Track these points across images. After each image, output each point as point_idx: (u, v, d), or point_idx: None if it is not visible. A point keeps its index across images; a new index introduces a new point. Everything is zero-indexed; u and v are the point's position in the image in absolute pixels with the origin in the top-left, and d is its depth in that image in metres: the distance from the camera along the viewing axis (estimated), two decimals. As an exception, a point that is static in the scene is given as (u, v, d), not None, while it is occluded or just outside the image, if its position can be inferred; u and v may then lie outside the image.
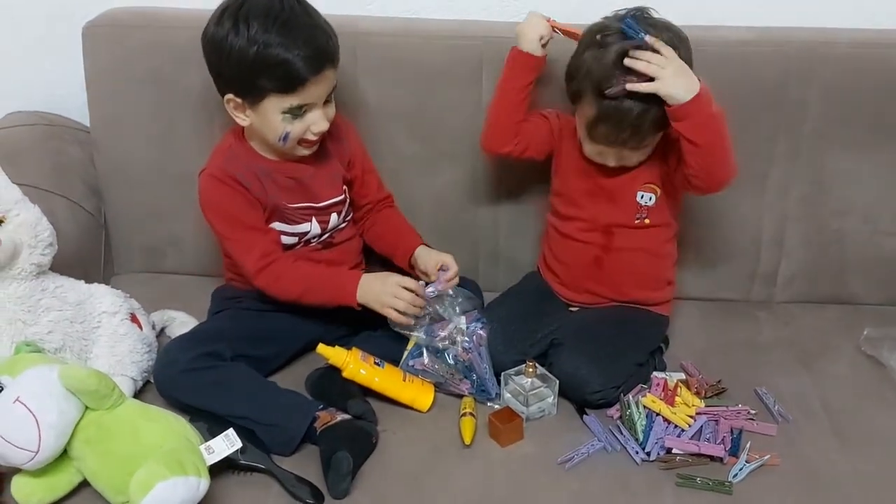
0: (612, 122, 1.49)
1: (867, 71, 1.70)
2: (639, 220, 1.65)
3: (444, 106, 1.77)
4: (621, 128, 1.49)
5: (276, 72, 1.49)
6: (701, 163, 1.50)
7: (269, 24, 1.47)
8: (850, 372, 1.69)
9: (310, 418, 1.49)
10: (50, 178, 1.79)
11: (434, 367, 1.58)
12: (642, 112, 1.47)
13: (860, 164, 1.76)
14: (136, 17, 1.82)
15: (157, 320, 1.73)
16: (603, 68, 1.47)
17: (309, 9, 1.54)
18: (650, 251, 1.68)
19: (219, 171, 1.60)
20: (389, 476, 1.44)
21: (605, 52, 1.47)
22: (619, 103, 1.46)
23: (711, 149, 1.48)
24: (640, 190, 1.63)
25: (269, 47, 1.47)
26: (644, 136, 1.52)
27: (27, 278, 1.50)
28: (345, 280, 1.61)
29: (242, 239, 1.62)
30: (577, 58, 1.53)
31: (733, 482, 1.42)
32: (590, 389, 1.54)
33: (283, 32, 1.47)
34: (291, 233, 1.67)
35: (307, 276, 1.62)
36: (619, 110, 1.47)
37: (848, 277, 1.86)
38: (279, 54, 1.47)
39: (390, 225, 1.78)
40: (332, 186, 1.69)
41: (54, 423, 1.31)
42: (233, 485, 1.41)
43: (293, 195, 1.65)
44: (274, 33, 1.47)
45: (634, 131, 1.50)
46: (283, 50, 1.47)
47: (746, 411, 1.54)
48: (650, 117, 1.48)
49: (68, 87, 1.93)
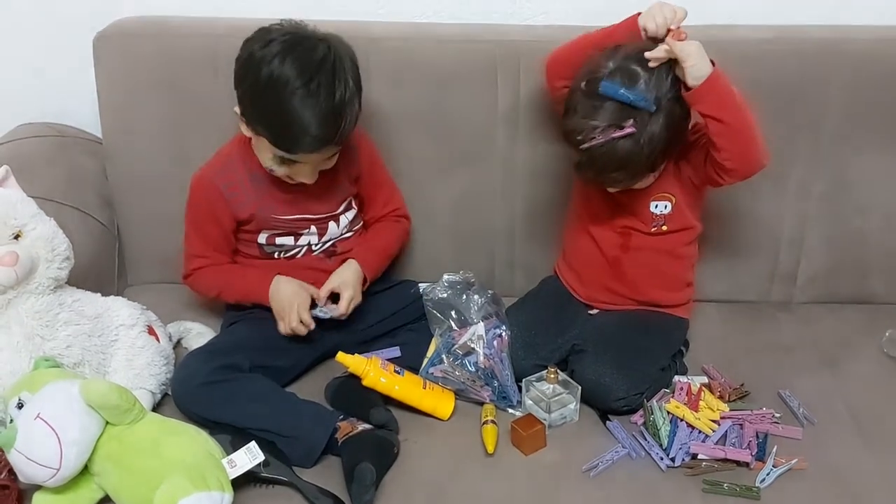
0: (592, 170, 1.50)
1: (886, 68, 1.69)
2: (655, 228, 1.64)
3: (459, 110, 1.76)
4: (601, 177, 1.51)
5: (276, 129, 1.49)
6: (733, 142, 1.46)
7: (298, 83, 1.45)
8: (874, 373, 1.68)
9: (331, 429, 1.47)
10: (62, 190, 1.78)
11: (455, 373, 1.57)
12: (619, 166, 1.46)
13: (880, 163, 1.75)
14: (146, 27, 1.81)
15: (174, 332, 1.72)
16: (580, 118, 1.46)
17: (342, 80, 1.50)
18: (670, 252, 1.67)
19: (206, 178, 1.66)
20: (413, 486, 1.43)
21: (585, 99, 1.46)
22: (593, 157, 1.46)
23: (740, 126, 1.45)
24: (654, 200, 1.61)
25: (282, 103, 1.46)
26: (633, 178, 1.53)
27: (45, 293, 1.49)
28: (259, 276, 1.66)
29: (197, 245, 1.70)
30: (569, 96, 1.51)
31: (761, 487, 1.40)
32: (614, 397, 1.53)
33: (303, 99, 1.46)
34: (286, 233, 1.68)
35: (227, 273, 1.70)
36: (594, 163, 1.47)
37: (869, 277, 1.85)
38: (285, 117, 1.47)
39: (366, 235, 1.78)
40: (331, 201, 1.70)
41: (76, 439, 1.30)
42: (256, 498, 1.40)
43: (288, 206, 1.66)
44: (296, 95, 1.45)
45: (618, 179, 1.51)
46: (290, 116, 1.46)
47: (771, 414, 1.53)
48: (625, 173, 1.49)
49: (79, 97, 1.92)
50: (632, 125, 1.43)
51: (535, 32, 1.77)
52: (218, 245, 1.69)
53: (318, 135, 1.48)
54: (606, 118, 1.43)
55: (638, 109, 1.42)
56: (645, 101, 1.42)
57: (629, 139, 1.43)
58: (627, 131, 1.43)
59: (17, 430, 1.30)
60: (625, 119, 1.43)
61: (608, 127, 1.43)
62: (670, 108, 1.45)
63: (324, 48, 1.50)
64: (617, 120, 1.43)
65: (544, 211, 1.83)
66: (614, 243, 1.66)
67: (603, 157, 1.45)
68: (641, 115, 1.43)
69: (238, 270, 1.70)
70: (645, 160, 1.47)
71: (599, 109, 1.44)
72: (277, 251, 1.70)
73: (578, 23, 1.78)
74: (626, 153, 1.44)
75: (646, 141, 1.44)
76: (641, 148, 1.44)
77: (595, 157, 1.46)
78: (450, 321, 1.62)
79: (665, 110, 1.44)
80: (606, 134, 1.43)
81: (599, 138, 1.44)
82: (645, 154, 1.45)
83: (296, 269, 1.69)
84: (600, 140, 1.44)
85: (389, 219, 1.79)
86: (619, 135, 1.43)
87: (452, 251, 1.87)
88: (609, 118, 1.43)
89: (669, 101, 1.45)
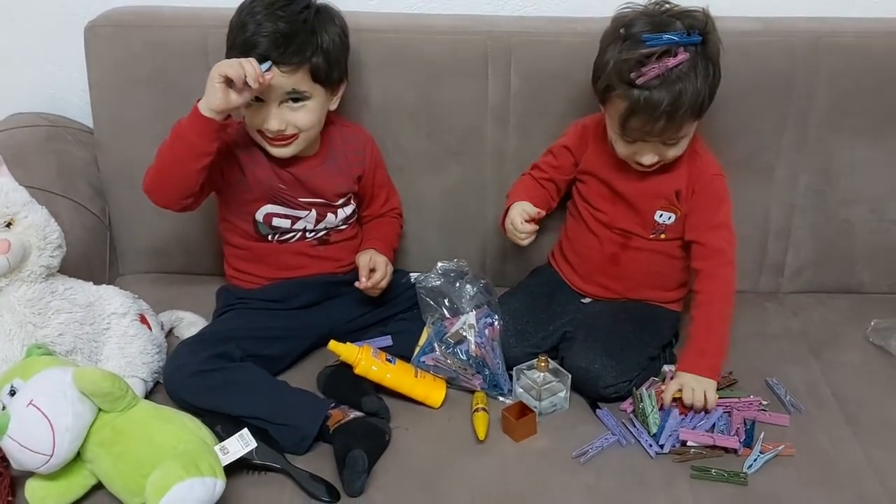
0: (645, 112, 1.46)
1: (873, 60, 1.71)
2: (654, 236, 1.65)
3: (450, 102, 1.77)
4: (655, 117, 1.46)
5: (231, 52, 1.52)
6: None
7: (268, 4, 1.51)
8: (860, 361, 1.69)
9: (322, 417, 1.48)
10: (54, 180, 1.78)
11: (446, 362, 1.58)
12: (675, 98, 1.44)
13: (867, 154, 1.76)
14: (138, 17, 1.80)
15: (166, 321, 1.73)
16: (629, 58, 1.45)
17: (313, 13, 1.55)
18: (668, 254, 1.68)
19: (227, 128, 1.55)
20: (404, 473, 1.44)
21: (628, 43, 1.46)
22: (650, 92, 1.44)
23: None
24: (660, 209, 1.62)
25: (240, 28, 1.51)
26: (680, 124, 1.49)
27: (36, 280, 1.49)
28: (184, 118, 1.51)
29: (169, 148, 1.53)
30: (602, 56, 1.52)
31: (748, 473, 1.42)
32: (603, 383, 1.54)
33: (256, 17, 1.50)
34: (286, 215, 1.67)
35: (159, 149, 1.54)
36: (650, 99, 1.44)
37: (855, 267, 1.86)
38: (239, 36, 1.51)
39: (369, 227, 1.79)
40: (339, 189, 1.69)
41: (69, 426, 1.30)
42: (248, 484, 1.40)
43: (291, 187, 1.65)
44: (250, 17, 1.50)
45: (669, 118, 1.46)
46: (242, 34, 1.50)
47: (759, 402, 1.55)
48: (684, 102, 1.45)
49: (70, 87, 1.92)
50: (684, 52, 1.43)
51: (527, 23, 1.77)
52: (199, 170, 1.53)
53: (278, 36, 1.49)
54: (657, 49, 1.43)
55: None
56: (690, 35, 1.44)
57: (683, 67, 1.43)
58: (682, 57, 1.43)
59: (9, 417, 1.30)
60: (675, 49, 1.44)
61: (662, 55, 1.43)
62: (709, 37, 1.47)
63: (304, 2, 1.55)
64: (667, 51, 1.43)
65: (535, 202, 1.84)
66: (615, 242, 1.67)
67: (657, 92, 1.43)
68: (688, 47, 1.44)
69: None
70: (697, 96, 1.46)
71: (645, 45, 1.45)
72: (272, 233, 1.69)
73: (569, 13, 1.80)
74: (682, 85, 1.44)
75: (699, 72, 1.45)
76: (696, 77, 1.44)
77: (650, 92, 1.44)
78: (442, 309, 1.63)
79: (707, 39, 1.46)
80: (662, 62, 1.43)
81: (655, 69, 1.43)
82: (698, 87, 1.45)
83: (286, 253, 1.70)
84: (656, 71, 1.42)
85: (387, 216, 1.80)
86: (675, 62, 1.42)
87: (444, 242, 1.87)
88: (659, 50, 1.43)
89: (709, 29, 1.47)
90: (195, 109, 1.48)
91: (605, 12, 1.74)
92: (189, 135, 1.49)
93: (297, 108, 1.56)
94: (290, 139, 1.58)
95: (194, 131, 1.49)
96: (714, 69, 1.49)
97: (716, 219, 1.60)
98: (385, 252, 1.71)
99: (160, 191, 1.57)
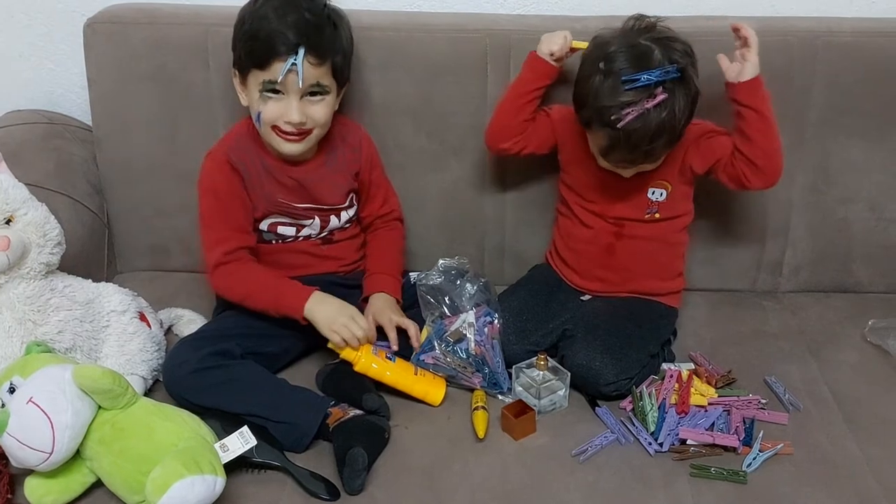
0: (625, 149, 1.50)
1: (870, 59, 1.71)
2: (649, 216, 1.65)
3: (449, 100, 1.77)
4: (635, 153, 1.50)
5: (254, 43, 1.51)
6: (766, 137, 1.54)
7: (276, 2, 1.51)
8: (858, 360, 1.70)
9: (322, 415, 1.48)
10: (52, 177, 1.78)
11: (446, 360, 1.58)
12: (654, 136, 1.47)
13: (865, 153, 1.77)
14: (137, 14, 1.80)
15: (165, 318, 1.73)
16: (609, 98, 1.46)
17: (327, 8, 1.56)
18: (663, 240, 1.69)
19: (221, 155, 1.62)
20: (404, 471, 1.44)
21: (609, 83, 1.47)
22: (629, 133, 1.46)
23: (773, 124, 1.55)
24: (652, 186, 1.63)
25: (260, 19, 1.51)
26: (659, 155, 1.55)
27: (36, 278, 1.49)
28: (293, 291, 1.57)
29: (220, 229, 1.61)
30: (584, 83, 1.52)
31: (748, 471, 1.42)
32: (604, 381, 1.54)
33: (279, 10, 1.50)
34: (291, 224, 1.67)
35: (254, 279, 1.60)
36: (629, 139, 1.47)
37: (853, 266, 1.87)
38: (263, 26, 1.50)
39: (374, 247, 1.77)
40: (335, 194, 1.69)
41: (69, 423, 1.30)
42: (248, 482, 1.41)
43: (293, 194, 1.65)
44: (271, 8, 1.50)
45: (648, 152, 1.51)
46: (267, 23, 1.50)
47: (757, 401, 1.55)
48: (662, 141, 1.49)
49: (69, 84, 1.92)
50: (662, 91, 1.44)
51: (526, 22, 1.76)
52: (240, 224, 1.62)
53: (291, 34, 1.49)
54: (636, 92, 1.45)
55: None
56: (667, 72, 1.45)
57: (661, 106, 1.45)
58: (660, 98, 1.44)
59: (9, 415, 1.30)
60: (654, 88, 1.45)
61: (640, 99, 1.44)
62: (686, 70, 1.48)
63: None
64: (645, 91, 1.44)
65: (534, 200, 1.84)
66: (608, 231, 1.68)
67: (637, 131, 1.46)
68: (666, 82, 1.45)
69: (268, 278, 1.60)
70: (677, 126, 1.49)
71: (624, 89, 1.45)
72: (276, 239, 1.69)
73: (568, 12, 1.80)
74: (661, 122, 1.46)
75: (677, 105, 1.46)
76: (674, 113, 1.46)
77: (630, 133, 1.46)
78: (443, 307, 1.63)
79: (684, 72, 1.47)
80: (640, 106, 1.44)
81: (633, 112, 1.44)
82: (677, 119, 1.47)
83: (291, 252, 1.70)
84: (635, 114, 1.44)
85: (387, 226, 1.78)
86: (654, 103, 1.44)
87: (442, 240, 1.87)
88: (638, 91, 1.44)
89: (685, 61, 1.48)
90: (298, 308, 1.56)
91: (603, 11, 1.76)
92: (276, 312, 1.59)
93: (315, 101, 1.57)
94: (306, 134, 1.58)
95: (281, 314, 1.59)
96: (692, 92, 1.50)
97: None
98: (395, 289, 1.69)
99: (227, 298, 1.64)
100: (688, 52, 1.49)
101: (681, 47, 1.49)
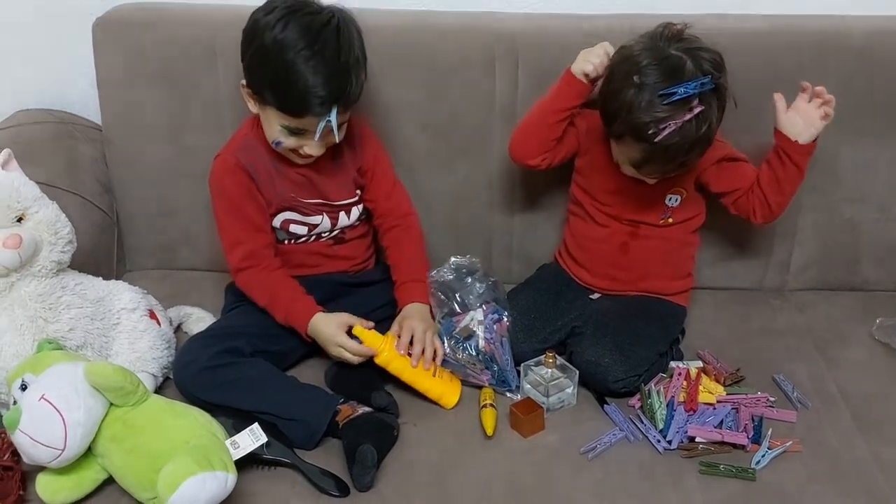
0: (660, 162, 1.50)
1: (881, 59, 1.71)
2: (663, 220, 1.66)
3: (458, 101, 1.77)
4: (670, 165, 1.50)
5: (282, 92, 1.49)
6: (791, 194, 1.60)
7: (302, 43, 1.45)
8: (866, 358, 1.70)
9: (331, 412, 1.49)
10: (62, 176, 1.79)
11: (456, 356, 1.58)
12: (690, 148, 1.47)
13: (873, 152, 1.77)
14: (146, 14, 1.81)
15: (174, 316, 1.73)
16: (646, 113, 1.44)
17: (347, 43, 1.51)
18: (676, 240, 1.70)
19: (231, 158, 1.61)
20: (413, 468, 1.44)
21: (644, 96, 1.44)
22: (667, 146, 1.45)
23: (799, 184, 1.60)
24: (670, 193, 1.64)
25: (287, 64, 1.46)
26: (693, 164, 1.55)
27: (47, 275, 1.49)
28: (302, 310, 1.60)
29: (236, 231, 1.63)
30: (615, 97, 1.48)
31: (756, 469, 1.42)
32: (613, 378, 1.54)
33: (308, 59, 1.45)
34: (302, 222, 1.67)
35: (274, 293, 1.63)
36: (666, 151, 1.46)
37: (860, 265, 1.87)
38: (291, 77, 1.46)
39: (395, 252, 1.75)
40: (344, 189, 1.69)
41: (81, 420, 1.31)
42: (258, 479, 1.41)
43: (304, 190, 1.65)
44: (301, 56, 1.45)
45: (683, 164, 1.51)
46: (296, 76, 1.46)
47: (766, 398, 1.55)
48: (697, 152, 1.49)
49: (78, 84, 1.93)
50: (698, 104, 1.44)
51: (534, 21, 1.77)
52: (255, 224, 1.63)
53: (324, 94, 1.47)
54: (672, 106, 1.43)
55: None
56: (702, 84, 1.44)
57: (698, 119, 1.44)
58: (697, 111, 1.43)
59: (21, 411, 1.30)
60: (690, 100, 1.43)
61: (676, 113, 1.43)
62: (721, 80, 1.47)
63: (328, 14, 1.51)
64: (682, 104, 1.43)
65: (541, 200, 1.84)
66: (623, 231, 1.68)
67: (675, 144, 1.45)
68: (703, 95, 1.44)
69: (287, 291, 1.63)
70: (711, 136, 1.48)
71: (661, 104, 1.44)
72: (288, 238, 1.69)
73: (576, 10, 1.80)
74: (697, 133, 1.45)
75: (713, 116, 1.46)
76: (710, 124, 1.46)
77: (667, 146, 1.45)
78: (453, 304, 1.63)
79: (717, 82, 1.46)
80: (678, 120, 1.43)
81: (671, 126, 1.43)
82: (712, 129, 1.47)
83: (304, 253, 1.71)
84: (673, 127, 1.43)
85: (401, 224, 1.76)
86: (691, 116, 1.43)
87: (450, 240, 1.87)
88: (675, 105, 1.43)
89: (717, 72, 1.46)
90: (302, 326, 1.60)
91: (612, 9, 1.76)
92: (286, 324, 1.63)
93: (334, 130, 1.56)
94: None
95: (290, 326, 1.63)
96: (724, 99, 1.50)
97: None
98: (423, 295, 1.67)
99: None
100: (717, 61, 1.48)
101: (710, 56, 1.47)
